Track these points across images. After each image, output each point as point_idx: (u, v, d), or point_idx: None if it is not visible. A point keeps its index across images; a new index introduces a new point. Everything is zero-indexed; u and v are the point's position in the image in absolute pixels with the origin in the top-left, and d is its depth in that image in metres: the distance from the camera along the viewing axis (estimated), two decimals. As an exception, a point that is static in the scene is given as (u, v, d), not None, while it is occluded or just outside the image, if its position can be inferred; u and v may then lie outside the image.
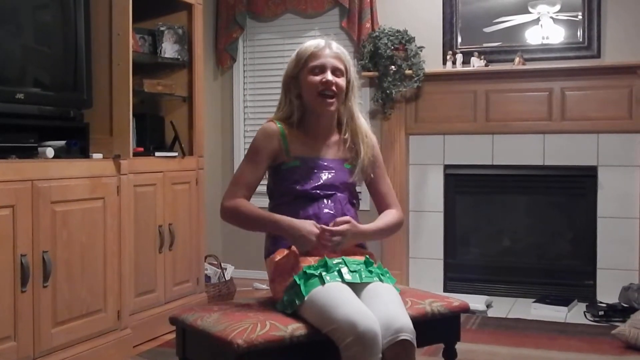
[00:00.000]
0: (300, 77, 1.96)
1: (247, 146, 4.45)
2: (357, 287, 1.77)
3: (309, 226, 1.84)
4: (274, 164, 1.97)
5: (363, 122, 2.04)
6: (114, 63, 2.87)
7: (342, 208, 1.95)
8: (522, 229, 4.04)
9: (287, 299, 1.80)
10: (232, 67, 4.51)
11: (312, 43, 1.98)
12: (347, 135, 2.01)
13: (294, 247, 1.87)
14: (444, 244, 4.04)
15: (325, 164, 1.97)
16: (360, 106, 2.07)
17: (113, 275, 2.77)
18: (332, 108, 1.97)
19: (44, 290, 2.41)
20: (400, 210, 2.06)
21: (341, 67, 1.96)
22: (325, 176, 1.95)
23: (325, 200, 1.93)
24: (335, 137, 2.03)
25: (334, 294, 1.70)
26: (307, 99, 1.97)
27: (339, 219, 1.86)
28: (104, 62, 2.88)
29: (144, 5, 3.11)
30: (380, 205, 2.06)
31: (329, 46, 1.96)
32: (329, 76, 1.92)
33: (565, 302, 3.57)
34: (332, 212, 1.91)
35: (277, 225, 1.87)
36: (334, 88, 1.93)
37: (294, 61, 1.98)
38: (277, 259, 1.90)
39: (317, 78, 1.93)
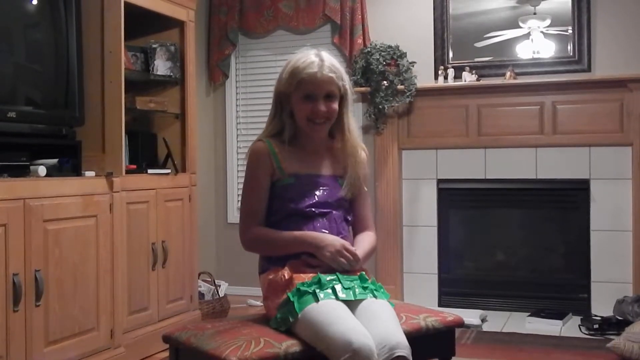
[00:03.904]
0: (293, 96, 1.93)
1: (240, 162, 4.54)
2: (351, 304, 1.77)
3: (333, 238, 1.86)
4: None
5: (355, 134, 2.01)
6: (106, 80, 2.88)
7: (338, 227, 1.94)
8: (515, 242, 4.06)
9: (280, 316, 1.79)
10: (224, 83, 4.52)
11: (304, 63, 1.91)
12: (339, 145, 2.00)
13: (287, 265, 1.86)
14: (438, 259, 4.04)
15: (321, 180, 1.96)
16: (353, 115, 2.03)
17: (106, 293, 2.76)
18: (322, 134, 1.97)
19: (36, 309, 2.40)
20: (375, 232, 2.06)
21: (334, 89, 1.92)
22: (319, 193, 1.94)
23: (320, 219, 1.92)
24: (328, 151, 2.02)
25: (328, 312, 1.70)
26: (297, 121, 1.95)
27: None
28: (96, 79, 2.89)
29: (136, 23, 3.13)
30: (359, 225, 2.04)
31: (321, 69, 1.89)
32: (321, 107, 1.90)
33: (559, 315, 3.58)
34: (327, 231, 1.91)
35: (301, 240, 1.86)
36: (325, 115, 1.92)
37: (287, 80, 1.93)
38: (270, 276, 1.89)
39: (309, 107, 1.90)
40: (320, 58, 1.93)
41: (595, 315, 3.55)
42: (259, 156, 1.94)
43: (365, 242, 2.00)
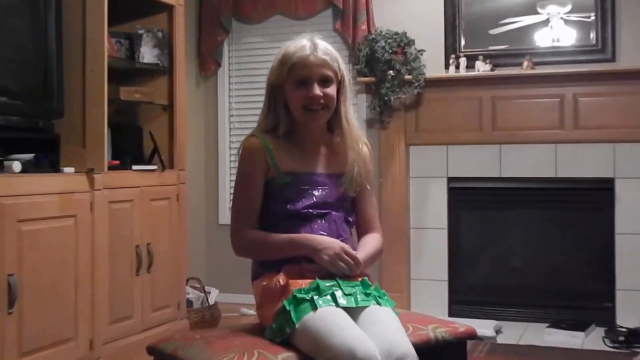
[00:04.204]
0: (285, 87, 1.94)
1: (233, 158, 4.52)
2: (353, 312, 1.76)
3: (331, 240, 1.85)
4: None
5: (355, 126, 2.01)
6: (88, 69, 2.88)
7: (337, 229, 1.94)
8: (533, 246, 4.03)
9: (276, 326, 1.78)
10: (216, 72, 4.51)
11: (295, 48, 1.93)
12: (338, 139, 1.99)
13: (283, 271, 1.85)
14: (449, 264, 4.03)
15: (319, 179, 1.96)
16: (351, 105, 2.03)
17: (85, 300, 2.75)
18: (321, 121, 1.96)
19: (8, 317, 2.38)
20: (381, 234, 2.05)
21: (329, 73, 1.92)
22: (318, 193, 1.93)
23: (318, 220, 1.92)
24: (328, 147, 2.01)
25: (328, 320, 1.68)
26: (293, 112, 1.95)
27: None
28: (76, 68, 2.88)
29: (121, 7, 3.12)
30: (363, 227, 2.03)
31: (313, 51, 1.91)
32: (316, 90, 1.90)
33: (581, 326, 3.56)
34: (326, 233, 1.90)
35: (297, 243, 1.85)
36: (322, 101, 1.91)
37: (277, 68, 1.94)
38: (264, 282, 1.88)
39: (303, 93, 1.90)
40: (313, 42, 1.94)
41: (621, 327, 3.53)
42: (252, 152, 1.94)
43: (369, 244, 1.99)
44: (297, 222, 1.90)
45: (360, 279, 1.86)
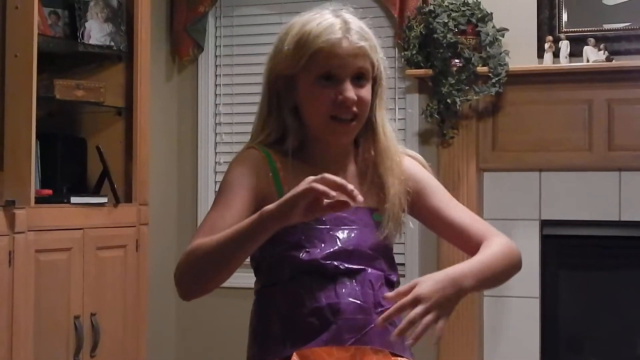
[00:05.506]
0: (300, 80, 1.94)
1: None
2: None
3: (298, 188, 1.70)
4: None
5: (393, 139, 2.03)
6: (9, 53, 2.91)
7: (375, 294, 1.92)
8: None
9: None
10: (196, 59, 4.55)
11: (319, 26, 1.91)
12: (371, 156, 2.01)
13: (296, 355, 1.84)
14: (541, 352, 4.01)
15: (344, 215, 1.94)
16: (388, 114, 2.05)
17: (-2, 398, 2.77)
18: (351, 137, 1.98)
19: None
20: (504, 236, 2.06)
21: (366, 66, 1.93)
22: (344, 235, 1.93)
23: (346, 281, 1.91)
24: (353, 168, 2.03)
25: None
26: (308, 119, 1.96)
27: (389, 294, 1.78)
28: (-8, 51, 2.92)
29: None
30: (467, 238, 2.04)
31: (347, 33, 1.90)
32: (349, 92, 1.90)
33: None
34: (358, 300, 1.89)
35: (259, 221, 1.72)
36: (355, 109, 1.92)
37: (291, 54, 1.93)
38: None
39: (330, 94, 1.91)
40: (343, 19, 1.94)
41: None
42: (248, 163, 1.95)
43: (485, 249, 1.98)
44: (314, 280, 1.90)
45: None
